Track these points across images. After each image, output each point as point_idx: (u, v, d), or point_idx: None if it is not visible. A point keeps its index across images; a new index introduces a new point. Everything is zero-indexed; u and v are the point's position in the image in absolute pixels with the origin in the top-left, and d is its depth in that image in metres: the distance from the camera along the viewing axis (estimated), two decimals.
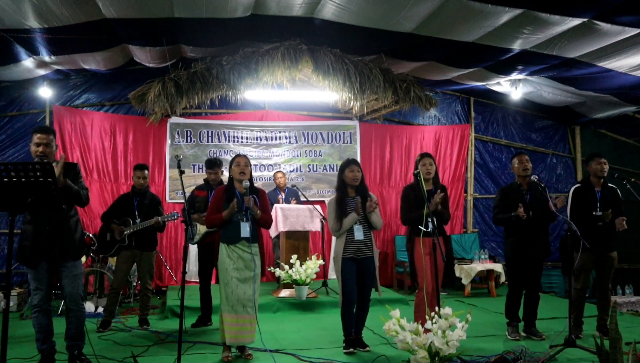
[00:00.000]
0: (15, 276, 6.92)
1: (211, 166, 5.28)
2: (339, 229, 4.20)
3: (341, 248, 4.20)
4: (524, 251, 4.62)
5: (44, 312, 3.63)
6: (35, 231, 3.54)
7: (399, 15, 5.46)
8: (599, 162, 4.79)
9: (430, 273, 4.18)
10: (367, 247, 4.24)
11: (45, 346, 3.64)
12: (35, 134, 3.57)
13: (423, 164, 4.40)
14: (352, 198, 4.28)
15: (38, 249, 3.53)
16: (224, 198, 4.11)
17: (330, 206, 4.31)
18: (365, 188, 4.35)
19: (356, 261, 4.21)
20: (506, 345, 4.36)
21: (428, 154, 4.51)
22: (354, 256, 4.19)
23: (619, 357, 3.08)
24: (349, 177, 4.25)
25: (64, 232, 3.58)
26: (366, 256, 4.23)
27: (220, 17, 5.56)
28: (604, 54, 5.99)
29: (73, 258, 3.64)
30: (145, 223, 5.14)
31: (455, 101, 9.02)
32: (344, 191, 4.30)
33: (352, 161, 4.34)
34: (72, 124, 7.43)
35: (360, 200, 4.18)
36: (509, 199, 4.69)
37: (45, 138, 3.55)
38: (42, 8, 5.03)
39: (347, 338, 4.23)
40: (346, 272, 4.17)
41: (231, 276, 3.99)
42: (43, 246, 3.52)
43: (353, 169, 4.26)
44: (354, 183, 4.26)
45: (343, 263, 4.17)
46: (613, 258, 4.75)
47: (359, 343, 4.27)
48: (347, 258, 4.18)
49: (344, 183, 4.29)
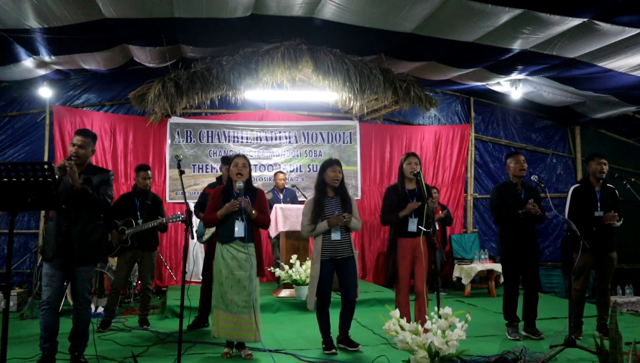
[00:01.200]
0: (15, 276, 6.93)
1: (226, 162, 5.25)
2: (311, 231, 4.18)
3: (320, 248, 4.18)
4: (520, 250, 4.62)
5: (52, 312, 3.61)
6: (56, 227, 3.59)
7: (399, 15, 5.46)
8: (598, 162, 4.78)
9: (419, 275, 4.19)
10: (346, 247, 4.22)
11: (48, 345, 3.64)
12: (75, 136, 3.70)
13: (409, 163, 4.34)
14: (331, 198, 4.25)
15: (54, 245, 3.57)
16: (222, 197, 4.12)
17: (307, 205, 4.28)
18: (344, 188, 4.32)
19: (335, 262, 4.20)
20: (506, 345, 4.36)
21: (413, 153, 4.47)
22: (332, 256, 4.18)
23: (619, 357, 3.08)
24: (330, 176, 4.21)
25: (82, 235, 3.59)
26: (345, 257, 4.21)
27: (220, 17, 5.56)
28: (604, 54, 5.99)
29: (88, 262, 3.66)
30: (149, 224, 5.14)
31: (455, 101, 9.02)
32: (323, 190, 4.25)
33: (335, 161, 4.29)
34: (72, 124, 7.43)
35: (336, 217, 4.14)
36: (507, 198, 4.69)
37: (81, 140, 3.66)
38: (42, 8, 5.03)
39: (325, 339, 4.21)
40: (322, 273, 4.15)
41: (225, 277, 3.99)
42: (59, 244, 3.56)
43: (335, 169, 4.22)
44: (334, 183, 4.22)
45: (322, 265, 4.15)
46: (613, 258, 4.75)
47: (347, 342, 4.26)
48: (325, 259, 4.17)
49: (323, 182, 4.25)
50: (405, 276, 4.29)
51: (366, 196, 8.42)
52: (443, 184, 8.60)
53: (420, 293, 4.21)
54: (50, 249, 3.58)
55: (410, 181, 4.37)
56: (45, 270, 3.63)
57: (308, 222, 4.20)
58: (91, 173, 3.71)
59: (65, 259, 3.58)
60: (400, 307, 4.02)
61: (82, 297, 3.69)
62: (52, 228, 3.63)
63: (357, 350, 4.20)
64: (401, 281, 4.29)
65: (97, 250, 3.73)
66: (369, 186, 8.47)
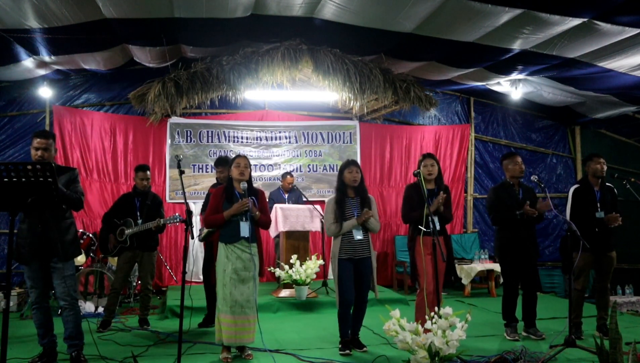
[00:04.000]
0: (15, 276, 6.92)
1: (218, 164, 5.26)
2: (338, 231, 4.20)
3: (338, 248, 4.20)
4: (518, 250, 4.63)
5: (42, 310, 3.72)
6: (29, 230, 3.59)
7: (399, 15, 5.46)
8: (597, 161, 4.79)
9: (432, 273, 4.17)
10: (364, 248, 4.24)
11: (46, 340, 3.75)
12: (34, 139, 3.65)
13: (424, 165, 4.43)
14: (352, 198, 4.29)
15: (31, 248, 3.58)
16: (224, 198, 4.11)
17: (328, 206, 4.31)
18: (364, 189, 4.36)
19: (353, 262, 4.21)
20: (506, 345, 4.36)
21: (430, 154, 4.52)
22: (351, 256, 4.19)
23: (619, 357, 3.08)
24: (348, 178, 4.26)
25: (54, 233, 3.60)
26: (363, 257, 4.22)
27: (220, 17, 5.56)
28: (604, 54, 5.99)
29: (62, 259, 3.65)
30: (147, 225, 5.14)
31: (455, 101, 9.02)
32: (344, 191, 4.31)
33: (352, 162, 4.34)
34: (72, 124, 7.43)
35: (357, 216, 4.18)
36: (505, 198, 4.69)
37: (44, 143, 3.63)
38: (42, 8, 5.03)
39: (343, 339, 4.22)
40: (343, 273, 4.16)
41: (229, 278, 3.99)
42: (35, 246, 3.58)
43: (352, 170, 4.27)
44: (353, 184, 4.27)
45: (340, 264, 4.17)
46: (612, 258, 4.76)
47: (355, 343, 4.27)
48: (343, 259, 4.18)
49: (343, 184, 4.30)
50: (428, 271, 4.21)
51: None
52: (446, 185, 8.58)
53: (432, 293, 4.19)
54: (27, 252, 3.58)
55: (429, 181, 4.41)
56: (26, 273, 3.68)
57: (333, 221, 4.22)
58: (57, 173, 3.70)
59: (41, 259, 3.61)
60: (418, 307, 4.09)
61: (69, 296, 3.68)
62: (25, 230, 3.61)
63: (364, 351, 4.21)
64: (421, 277, 4.26)
65: (74, 246, 3.77)
66: (369, 186, 8.43)
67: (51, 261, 3.64)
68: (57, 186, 3.06)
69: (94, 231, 6.82)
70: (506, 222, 4.69)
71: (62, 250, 3.62)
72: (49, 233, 3.58)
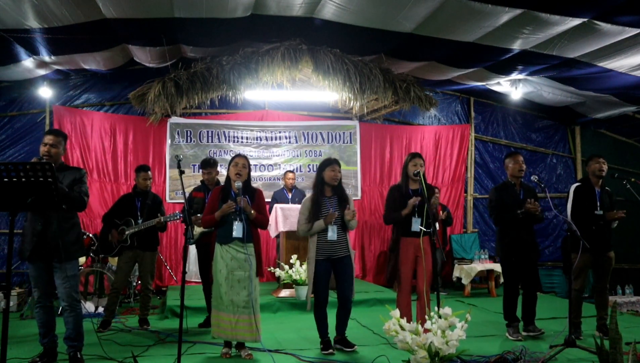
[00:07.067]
0: (15, 276, 6.93)
1: (205, 165, 5.25)
2: (308, 230, 4.18)
3: (314, 249, 4.17)
4: (519, 250, 4.63)
5: (45, 308, 3.73)
6: (32, 229, 3.61)
7: (399, 15, 5.46)
8: (597, 161, 4.82)
9: (421, 275, 4.19)
10: (342, 247, 4.21)
11: (46, 340, 3.75)
12: (45, 136, 3.72)
13: (414, 164, 4.33)
14: (329, 197, 4.26)
15: (32, 247, 3.59)
16: (220, 197, 4.10)
17: (304, 204, 4.27)
18: (342, 188, 4.32)
19: (331, 262, 4.19)
20: (506, 345, 4.36)
21: (419, 154, 4.46)
22: (328, 256, 4.17)
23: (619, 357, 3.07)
24: (329, 176, 4.21)
25: (56, 233, 3.60)
26: (342, 256, 4.20)
27: (220, 17, 5.56)
28: (604, 54, 5.99)
29: (63, 259, 3.65)
30: (147, 223, 5.14)
31: (455, 101, 9.02)
32: (321, 190, 4.27)
33: (334, 161, 4.29)
34: (72, 124, 7.44)
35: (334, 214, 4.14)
36: (506, 198, 4.70)
37: (52, 139, 3.67)
38: (42, 8, 5.03)
39: (323, 339, 4.20)
40: (318, 273, 4.14)
41: (224, 278, 3.98)
42: (37, 245, 3.59)
43: (335, 168, 4.22)
44: (333, 183, 4.23)
45: (317, 265, 4.15)
46: (611, 258, 4.77)
47: (343, 343, 4.24)
48: (321, 259, 4.16)
49: (322, 182, 4.25)
50: (408, 276, 4.28)
51: (366, 196, 8.42)
52: (443, 184, 8.60)
53: (422, 293, 4.20)
54: (26, 249, 3.62)
55: (414, 181, 4.38)
56: (30, 272, 3.73)
57: (305, 221, 4.20)
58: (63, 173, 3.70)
59: (44, 259, 3.62)
60: (401, 307, 4.01)
61: (69, 297, 3.68)
62: (27, 228, 3.66)
63: (354, 350, 4.19)
64: (403, 281, 4.28)
65: (77, 246, 3.76)
66: (369, 186, 8.47)
67: (52, 261, 3.64)
68: (57, 186, 3.05)
69: (95, 232, 6.82)
70: (508, 222, 4.69)
71: (63, 250, 3.61)
72: (50, 232, 3.58)
